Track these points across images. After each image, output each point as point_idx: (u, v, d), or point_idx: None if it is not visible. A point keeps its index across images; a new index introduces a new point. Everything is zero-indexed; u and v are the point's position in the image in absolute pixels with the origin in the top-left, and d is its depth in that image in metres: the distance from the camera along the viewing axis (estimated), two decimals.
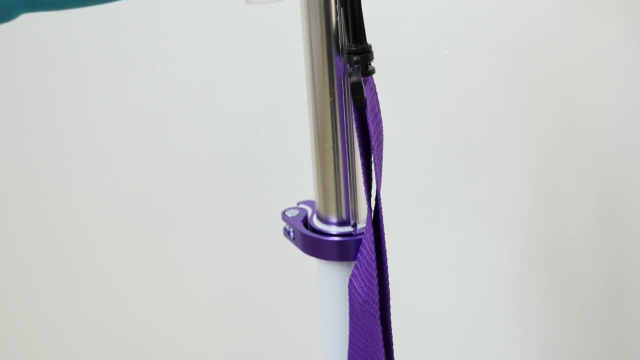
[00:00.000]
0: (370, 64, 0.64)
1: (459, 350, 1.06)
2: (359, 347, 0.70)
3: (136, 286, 1.16)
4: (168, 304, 1.16)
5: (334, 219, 0.71)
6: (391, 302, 0.70)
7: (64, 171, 1.11)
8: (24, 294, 1.20)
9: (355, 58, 0.63)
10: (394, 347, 0.71)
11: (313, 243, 0.71)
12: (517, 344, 1.05)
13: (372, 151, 0.65)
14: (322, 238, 0.70)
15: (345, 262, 0.71)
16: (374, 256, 0.67)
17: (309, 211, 0.74)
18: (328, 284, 0.72)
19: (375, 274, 0.67)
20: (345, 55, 0.64)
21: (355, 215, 0.70)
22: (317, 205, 0.71)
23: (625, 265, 1.00)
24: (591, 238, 0.99)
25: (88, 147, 1.10)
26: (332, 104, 0.66)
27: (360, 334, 0.70)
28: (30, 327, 1.21)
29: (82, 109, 1.08)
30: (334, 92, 0.66)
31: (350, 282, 0.69)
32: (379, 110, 0.66)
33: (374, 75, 0.63)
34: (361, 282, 0.68)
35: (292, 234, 0.73)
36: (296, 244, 0.72)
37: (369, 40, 0.63)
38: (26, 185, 1.13)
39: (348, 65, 0.64)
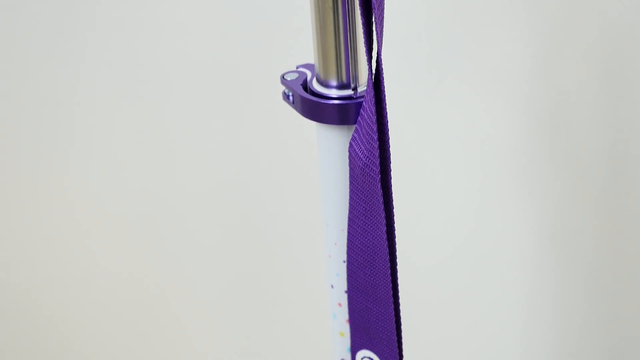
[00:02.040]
0: None
1: (464, 218, 1.07)
2: (359, 211, 0.70)
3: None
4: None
5: (334, 82, 0.70)
6: (392, 166, 0.70)
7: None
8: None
9: None
10: (394, 211, 0.71)
11: (313, 107, 0.70)
12: (522, 207, 1.05)
13: (373, 10, 0.64)
14: (322, 102, 0.69)
15: (345, 126, 0.70)
16: (374, 119, 0.67)
17: (309, 75, 0.73)
18: (328, 149, 0.72)
19: (376, 137, 0.67)
20: None
21: (356, 78, 0.70)
22: (317, 69, 0.71)
23: (629, 132, 1.00)
24: (595, 102, 0.99)
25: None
26: None
27: (361, 198, 0.70)
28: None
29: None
30: None
31: (351, 145, 0.69)
32: None
33: None
34: (362, 146, 0.68)
35: (291, 97, 0.72)
36: (295, 108, 0.72)
37: None
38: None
39: None
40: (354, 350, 0.77)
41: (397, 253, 0.71)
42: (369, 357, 0.76)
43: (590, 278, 1.05)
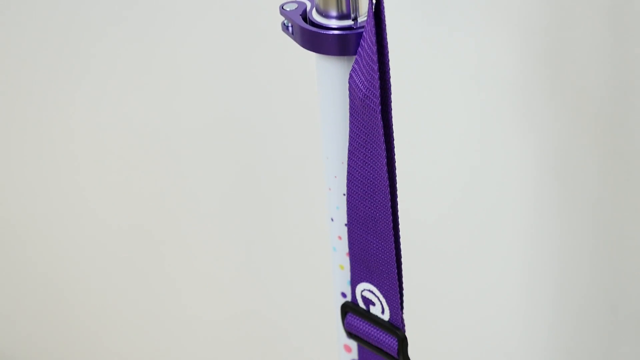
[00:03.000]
0: None
1: (465, 146, 1.06)
2: (359, 143, 0.70)
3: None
4: None
5: (333, 13, 0.69)
6: (392, 97, 0.69)
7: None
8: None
9: None
10: (394, 142, 0.70)
11: (312, 37, 0.69)
12: (523, 142, 1.05)
13: None
14: (322, 32, 0.69)
15: (345, 57, 0.69)
16: (375, 49, 0.66)
17: (308, 5, 0.72)
18: (328, 80, 0.71)
19: (376, 68, 0.66)
20: None
21: (356, 8, 0.69)
22: None
23: (631, 62, 0.99)
24: (601, 36, 0.98)
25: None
26: None
27: (361, 129, 0.69)
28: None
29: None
30: None
31: (351, 77, 0.68)
32: None
33: None
34: (362, 77, 0.68)
35: (290, 28, 0.71)
36: (295, 39, 0.71)
37: None
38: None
39: None
40: (354, 283, 0.77)
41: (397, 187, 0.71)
42: (369, 290, 0.76)
43: (595, 212, 1.05)
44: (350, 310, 0.78)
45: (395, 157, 0.71)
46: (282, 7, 0.72)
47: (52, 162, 1.20)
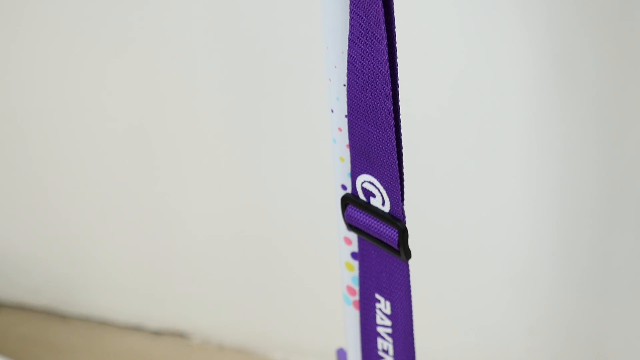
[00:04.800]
0: None
1: (465, 33, 1.05)
2: (359, 32, 0.69)
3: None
4: None
5: None
6: None
7: None
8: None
9: None
10: (396, 31, 0.69)
11: None
12: (523, 32, 1.03)
13: None
14: None
15: None
16: None
17: None
18: None
19: None
20: None
21: None
22: None
23: None
24: None
25: None
26: None
27: (362, 17, 0.68)
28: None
29: None
30: None
31: None
32: None
33: None
34: None
35: None
36: None
37: None
38: None
39: None
40: (354, 175, 0.77)
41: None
42: (370, 182, 0.76)
43: (596, 103, 1.04)
44: (350, 202, 0.78)
45: (397, 45, 0.70)
46: None
47: (48, 58, 1.19)
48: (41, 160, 1.25)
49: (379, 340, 0.83)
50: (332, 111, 0.76)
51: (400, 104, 0.72)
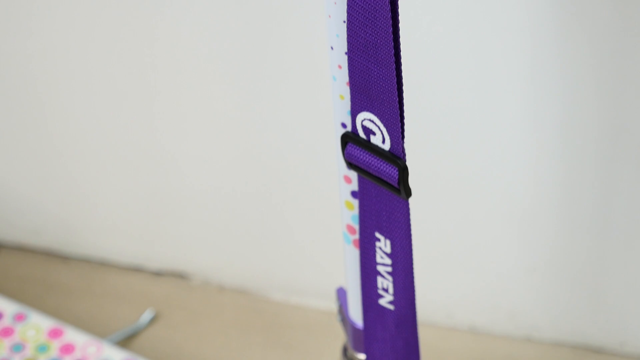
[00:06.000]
0: None
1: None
2: None
3: None
4: None
5: None
6: None
7: None
8: None
9: None
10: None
11: None
12: None
13: None
14: None
15: None
16: None
17: None
18: None
19: None
20: None
21: None
22: None
23: None
24: None
25: None
26: None
27: None
28: None
29: None
30: None
31: None
32: None
33: None
34: None
35: None
36: None
37: None
38: None
39: None
40: (354, 113, 0.76)
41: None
42: (370, 119, 0.75)
43: (599, 40, 1.03)
44: (350, 140, 0.77)
45: None
46: None
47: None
48: (41, 102, 1.25)
49: (379, 279, 0.83)
50: (332, 48, 0.75)
51: (400, 40, 0.71)
